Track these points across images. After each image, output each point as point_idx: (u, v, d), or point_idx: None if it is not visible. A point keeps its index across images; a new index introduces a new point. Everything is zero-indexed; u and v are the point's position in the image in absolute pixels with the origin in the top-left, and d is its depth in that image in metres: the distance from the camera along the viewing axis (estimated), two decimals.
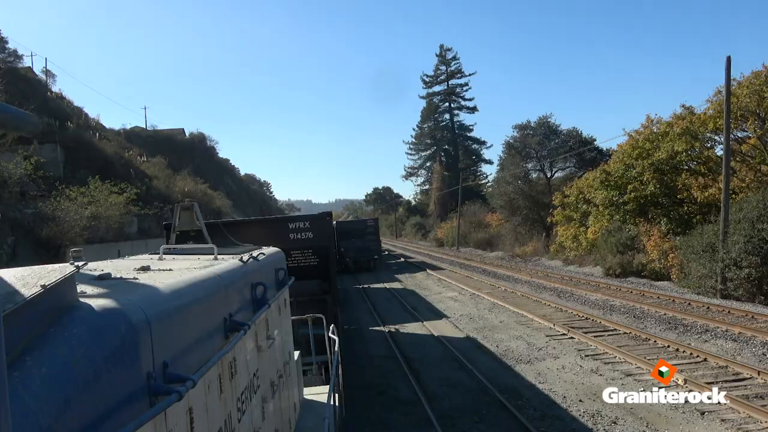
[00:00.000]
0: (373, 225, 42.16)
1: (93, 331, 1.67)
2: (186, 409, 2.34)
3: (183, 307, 2.50)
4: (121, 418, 1.68)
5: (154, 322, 2.06)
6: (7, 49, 49.23)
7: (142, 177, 46.67)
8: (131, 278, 2.70)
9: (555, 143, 48.88)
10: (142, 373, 1.93)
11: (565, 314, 17.55)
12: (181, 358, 2.35)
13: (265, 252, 5.42)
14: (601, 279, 25.69)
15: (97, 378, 1.60)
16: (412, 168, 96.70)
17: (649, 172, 31.09)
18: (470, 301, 22.09)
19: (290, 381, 5.94)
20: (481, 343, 14.77)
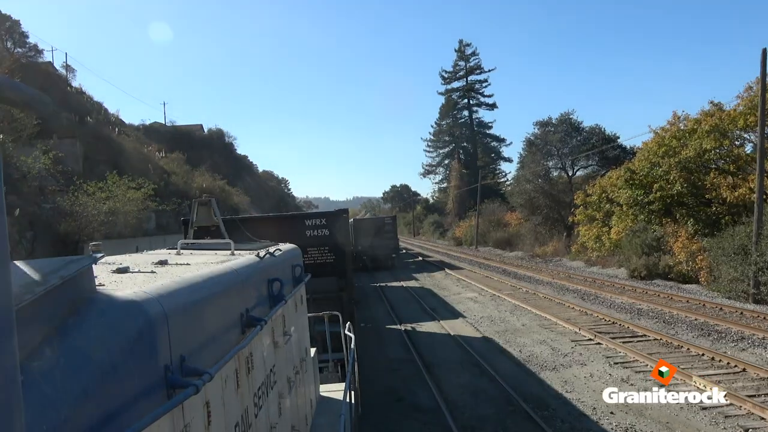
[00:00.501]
0: (391, 223, 41.65)
1: (111, 323, 1.69)
2: (203, 402, 2.34)
3: (200, 302, 2.51)
4: (138, 410, 1.66)
5: (172, 316, 2.06)
6: (27, 43, 49.51)
7: (160, 172, 46.68)
8: (149, 272, 2.75)
9: (577, 141, 47.84)
10: (160, 365, 1.94)
11: (590, 318, 16.89)
12: (198, 352, 2.34)
13: (281, 248, 5.37)
14: (626, 281, 24.91)
15: (114, 369, 1.59)
16: (430, 165, 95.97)
17: (675, 171, 30.16)
18: (491, 303, 21.49)
19: (306, 377, 5.94)
20: (503, 347, 14.19)
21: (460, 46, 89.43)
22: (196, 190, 49.53)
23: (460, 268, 36.76)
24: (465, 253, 51.35)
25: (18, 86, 1.18)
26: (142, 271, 2.75)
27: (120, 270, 2.65)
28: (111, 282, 2.28)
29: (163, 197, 41.30)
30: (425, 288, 28.06)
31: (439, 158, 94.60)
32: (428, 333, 17.04)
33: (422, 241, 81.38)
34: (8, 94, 1.12)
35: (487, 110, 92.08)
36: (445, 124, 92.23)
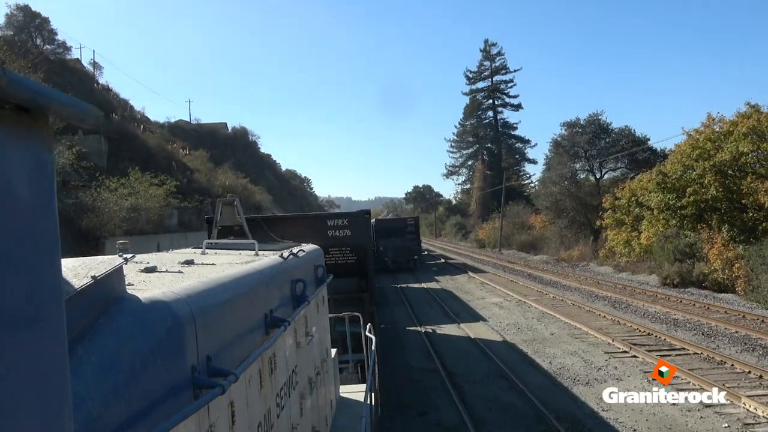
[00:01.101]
0: (414, 224, 40.96)
1: (140, 323, 1.71)
2: (228, 402, 2.35)
3: (226, 302, 2.52)
4: (166, 409, 1.68)
5: (199, 316, 2.08)
6: (56, 40, 50.02)
7: (183, 170, 46.76)
8: (176, 271, 2.79)
9: (605, 142, 46.57)
10: (187, 365, 1.95)
11: (623, 328, 16.03)
12: (223, 352, 2.34)
13: (304, 249, 5.35)
14: (658, 289, 23.89)
15: (144, 369, 1.62)
16: (454, 166, 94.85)
17: (710, 175, 29.02)
18: (516, 309, 20.72)
19: (327, 378, 5.94)
20: (532, 358, 13.46)
21: (485, 46, 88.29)
22: (219, 187, 49.71)
23: (483, 271, 35.94)
24: (488, 255, 50.43)
25: (67, 99, 1.14)
26: (170, 271, 2.78)
27: (148, 269, 2.68)
28: (140, 282, 2.32)
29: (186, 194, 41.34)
30: (447, 291, 27.36)
31: (462, 159, 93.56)
32: (451, 339, 16.37)
33: (444, 243, 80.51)
34: (57, 107, 1.07)
35: (512, 111, 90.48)
36: (469, 125, 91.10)
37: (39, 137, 1.06)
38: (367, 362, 7.34)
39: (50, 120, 1.12)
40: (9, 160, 0.95)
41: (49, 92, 1.04)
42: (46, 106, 1.04)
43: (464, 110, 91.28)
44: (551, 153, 50.51)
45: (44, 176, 1.06)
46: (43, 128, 1.08)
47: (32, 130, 1.04)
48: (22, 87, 0.93)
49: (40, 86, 1.02)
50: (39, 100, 1.00)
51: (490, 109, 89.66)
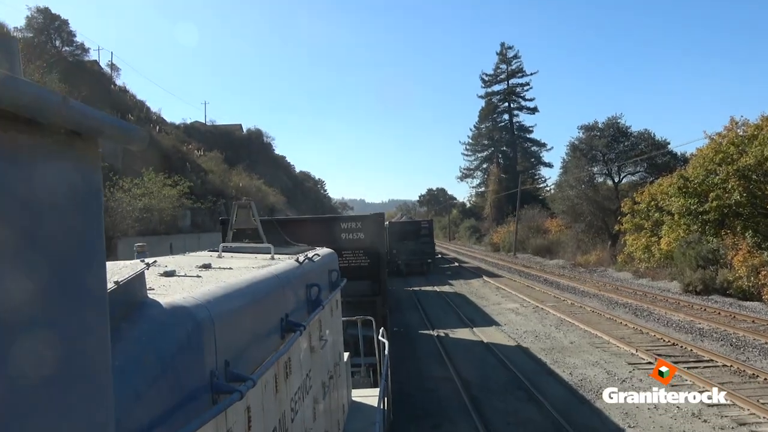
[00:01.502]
0: (428, 227, 40.42)
1: (162, 328, 1.73)
2: (245, 407, 2.37)
3: (244, 307, 2.55)
4: (185, 414, 1.69)
5: (218, 321, 2.09)
6: (74, 42, 50.30)
7: (197, 171, 46.75)
8: (195, 275, 2.83)
9: (624, 146, 45.71)
10: (206, 371, 1.96)
11: (646, 337, 15.38)
12: (240, 356, 2.35)
13: (319, 253, 5.41)
14: (680, 296, 23.13)
15: (164, 374, 1.63)
16: (468, 169, 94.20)
17: (734, 179, 28.22)
18: (533, 315, 20.11)
19: (340, 382, 5.94)
20: (551, 367, 12.89)
21: (501, 49, 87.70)
22: (233, 189, 49.69)
23: (498, 275, 35.30)
24: (503, 259, 49.73)
25: (115, 121, 1.19)
26: (189, 275, 2.81)
27: (167, 273, 2.70)
28: (160, 286, 2.35)
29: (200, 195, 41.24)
30: (462, 296, 26.80)
31: (477, 162, 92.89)
32: (465, 345, 15.85)
33: (458, 246, 79.82)
34: (107, 130, 1.14)
35: (527, 114, 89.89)
36: (485, 128, 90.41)
37: (89, 159, 1.12)
38: (380, 367, 7.23)
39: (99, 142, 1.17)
40: (62, 181, 1.03)
41: (100, 116, 1.09)
42: (98, 129, 1.10)
43: (479, 113, 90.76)
44: (568, 156, 49.72)
45: (93, 196, 1.15)
46: (92, 151, 1.14)
47: (84, 153, 1.10)
48: (78, 113, 1.00)
49: (93, 111, 1.06)
50: (91, 124, 1.07)
51: (506, 112, 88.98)
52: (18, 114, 0.88)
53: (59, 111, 0.94)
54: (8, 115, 0.87)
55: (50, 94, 0.92)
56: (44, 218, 0.99)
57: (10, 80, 0.84)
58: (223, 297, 2.32)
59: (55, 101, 0.93)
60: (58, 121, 0.96)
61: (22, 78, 0.92)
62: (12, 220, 0.92)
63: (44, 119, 0.94)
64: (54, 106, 0.93)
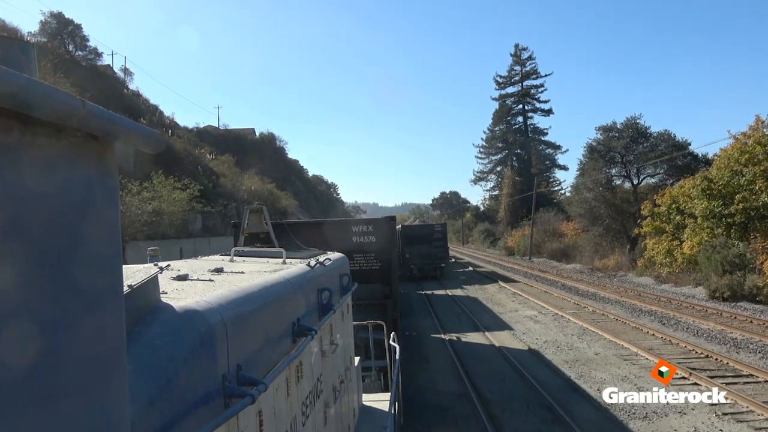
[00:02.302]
0: (441, 230, 39.49)
1: (175, 332, 1.72)
2: (256, 411, 2.36)
3: (256, 311, 2.54)
4: (198, 419, 1.70)
5: (230, 325, 2.09)
6: (87, 47, 50.33)
7: (209, 174, 46.48)
8: (207, 279, 2.88)
9: (644, 147, 44.45)
10: (218, 374, 1.95)
11: (677, 349, 14.40)
12: (252, 360, 2.36)
13: (331, 257, 5.37)
14: (707, 303, 22.04)
15: (177, 377, 1.63)
16: (482, 172, 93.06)
17: (761, 180, 27.10)
18: (553, 324, 19.15)
19: (350, 386, 5.93)
20: (576, 383, 11.97)
21: (516, 50, 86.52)
22: (245, 192, 49.42)
23: (514, 280, 34.29)
24: (518, 264, 48.66)
25: (131, 125, 1.20)
26: (201, 279, 2.87)
27: (180, 277, 2.76)
28: (173, 290, 2.39)
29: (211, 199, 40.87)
30: (477, 301, 25.88)
31: (491, 165, 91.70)
32: (482, 354, 14.97)
33: (472, 250, 78.75)
34: (124, 134, 1.16)
35: (542, 116, 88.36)
36: (499, 130, 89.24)
37: (106, 163, 1.13)
38: (391, 372, 7.27)
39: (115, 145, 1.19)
40: (78, 184, 1.04)
41: (117, 119, 1.10)
42: (115, 133, 1.11)
43: (493, 115, 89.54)
44: (586, 158, 48.51)
45: (110, 199, 1.16)
46: (109, 154, 1.14)
47: (100, 156, 1.11)
48: (95, 117, 1.00)
49: (110, 114, 1.07)
50: (108, 127, 1.08)
51: (520, 114, 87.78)
52: (36, 117, 0.88)
53: (78, 114, 0.95)
54: (26, 119, 0.88)
55: (69, 98, 0.93)
56: (61, 222, 1.00)
57: (28, 83, 0.84)
58: (235, 301, 2.32)
59: (74, 105, 0.94)
60: (77, 124, 0.97)
61: (40, 81, 0.90)
62: (28, 223, 0.93)
63: (63, 123, 0.94)
64: (72, 110, 0.94)
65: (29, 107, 0.84)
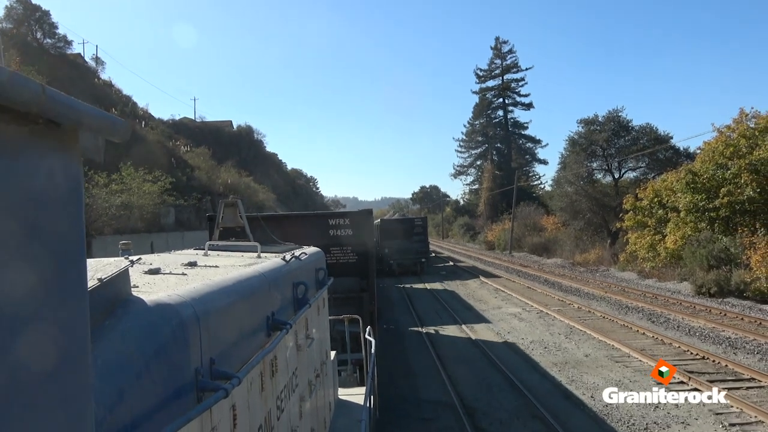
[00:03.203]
0: (422, 224, 38.57)
1: (146, 326, 1.70)
2: (230, 405, 2.33)
3: (230, 305, 2.52)
4: (170, 413, 1.68)
5: (203, 319, 2.07)
6: (56, 34, 48.47)
7: (183, 167, 45.20)
8: (180, 273, 2.82)
9: (625, 141, 44.00)
10: (191, 368, 1.94)
11: (670, 349, 13.64)
12: (226, 354, 2.34)
13: (306, 252, 5.39)
14: (694, 299, 21.45)
15: (149, 372, 1.62)
16: (462, 166, 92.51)
17: (746, 174, 26.64)
18: (538, 322, 18.33)
19: (326, 380, 5.90)
20: (568, 388, 11.08)
21: (496, 43, 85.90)
22: (221, 185, 48.17)
23: (496, 276, 33.54)
24: (499, 258, 48.02)
25: (96, 111, 1.15)
26: (174, 273, 2.79)
27: (152, 271, 2.72)
28: (144, 283, 2.34)
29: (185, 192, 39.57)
30: (458, 297, 25.02)
31: (471, 159, 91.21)
32: (466, 357, 14.08)
33: (452, 244, 78.14)
34: (88, 121, 1.12)
35: (522, 110, 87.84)
36: (479, 124, 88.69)
37: (69, 151, 1.09)
38: (367, 366, 7.23)
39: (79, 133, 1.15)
40: (40, 173, 1.00)
41: (80, 106, 1.07)
42: (78, 120, 1.07)
43: (474, 109, 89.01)
44: (567, 151, 48.01)
45: (73, 189, 1.11)
46: (72, 142, 1.10)
47: (63, 144, 1.07)
48: (57, 102, 0.97)
49: (73, 100, 1.03)
50: (72, 114, 1.04)
51: (501, 108, 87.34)
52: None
53: (38, 99, 0.91)
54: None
55: (28, 81, 0.89)
56: (20, 212, 0.96)
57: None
58: (208, 295, 2.28)
59: (34, 89, 0.90)
60: (36, 110, 0.92)
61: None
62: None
63: (22, 108, 0.90)
64: (32, 94, 0.89)
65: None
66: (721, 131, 30.36)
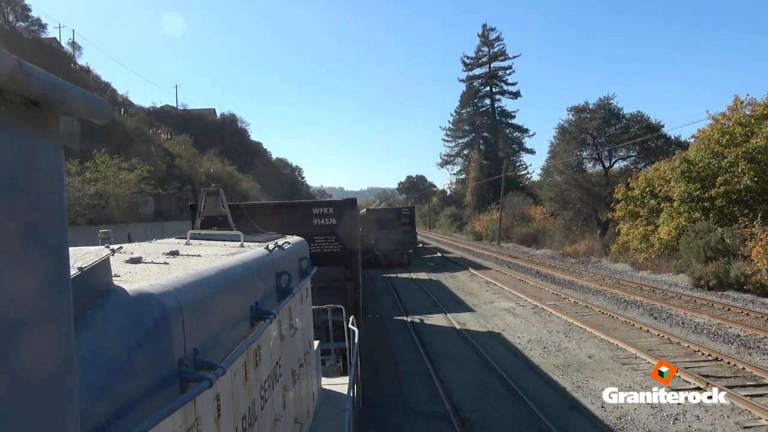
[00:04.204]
0: (409, 214, 37.47)
1: (128, 316, 1.67)
2: (214, 395, 2.32)
3: (213, 295, 2.49)
4: (153, 404, 1.65)
5: (186, 309, 2.05)
6: (30, 17, 46.66)
7: (163, 155, 43.93)
8: (162, 263, 2.79)
9: (616, 129, 43.14)
10: (174, 359, 1.92)
11: (679, 349, 12.69)
12: (209, 344, 2.31)
13: (290, 241, 5.36)
14: (693, 292, 20.63)
15: (131, 362, 1.59)
16: (449, 156, 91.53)
17: (744, 162, 25.86)
18: (534, 318, 17.32)
19: (310, 370, 5.88)
20: (574, 396, 10.05)
21: (483, 30, 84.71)
22: (203, 174, 46.88)
23: (485, 267, 32.57)
24: (487, 249, 47.14)
25: (79, 92, 1.09)
26: (156, 262, 2.75)
27: (133, 260, 2.67)
28: (126, 273, 2.29)
29: (165, 181, 38.26)
30: (447, 290, 24.00)
31: (458, 148, 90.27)
32: (458, 358, 13.06)
33: (439, 235, 77.26)
34: (69, 101, 1.05)
35: (510, 99, 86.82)
36: (466, 113, 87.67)
37: (49, 132, 1.06)
38: (350, 356, 7.38)
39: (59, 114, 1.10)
40: (18, 154, 0.95)
41: (61, 85, 1.03)
42: (59, 100, 1.03)
43: (460, 98, 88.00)
44: (557, 140, 47.10)
45: (53, 171, 1.08)
46: (53, 123, 1.06)
47: (43, 125, 1.03)
48: (36, 80, 0.91)
49: (53, 79, 0.99)
50: (52, 93, 0.99)
51: (488, 97, 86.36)
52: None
53: (14, 76, 0.85)
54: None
55: (3, 56, 0.84)
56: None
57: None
58: (191, 284, 2.25)
59: (10, 65, 0.85)
60: (13, 87, 0.87)
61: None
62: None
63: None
64: (7, 71, 0.84)
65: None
66: (716, 119, 29.57)
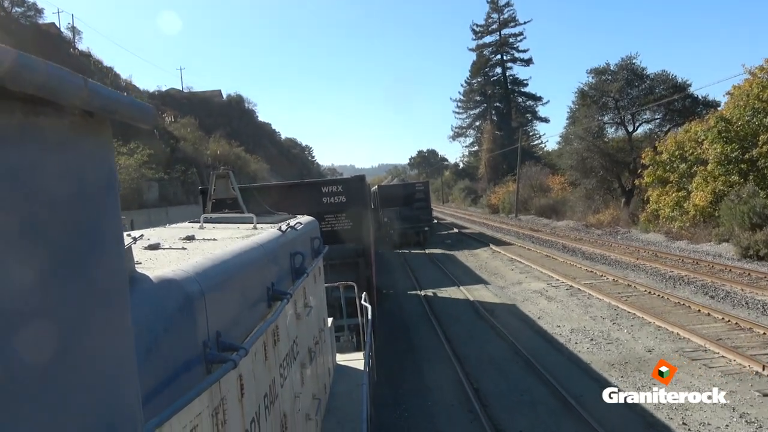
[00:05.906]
0: (423, 189, 35.46)
1: (153, 302, 1.71)
2: (237, 376, 2.38)
3: (232, 278, 2.55)
4: (180, 386, 1.70)
5: (208, 293, 2.09)
6: (26, 3, 45.12)
7: (167, 138, 42.50)
8: (180, 248, 2.86)
9: (639, 90, 40.54)
10: (199, 342, 1.97)
11: (755, 337, 10.69)
12: (230, 326, 2.37)
13: (302, 221, 5.42)
14: (743, 264, 18.60)
15: (158, 347, 1.64)
16: (460, 128, 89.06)
17: None
18: (572, 301, 15.40)
19: (325, 347, 5.96)
20: (649, 411, 8.14)
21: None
22: (209, 157, 45.44)
23: (507, 243, 30.60)
24: (506, 222, 45.12)
25: (122, 98, 1.12)
26: (174, 248, 2.82)
27: (152, 247, 2.72)
28: (147, 260, 2.34)
29: (169, 165, 37.00)
30: (472, 272, 22.17)
31: (469, 120, 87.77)
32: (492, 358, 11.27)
33: (453, 209, 75.25)
34: (120, 110, 1.10)
35: (522, 66, 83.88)
36: (476, 83, 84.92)
37: (103, 140, 1.10)
38: (363, 333, 7.51)
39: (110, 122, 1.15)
40: (82, 166, 1.01)
41: (113, 96, 1.07)
42: (112, 110, 1.07)
43: (471, 67, 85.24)
44: (576, 105, 44.61)
45: (110, 180, 1.13)
46: (105, 131, 1.11)
47: (98, 134, 1.08)
48: (96, 96, 0.97)
49: (107, 91, 1.03)
50: (105, 104, 1.04)
51: (499, 65, 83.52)
52: (36, 96, 0.85)
53: (81, 94, 0.92)
54: (27, 98, 0.86)
55: (71, 76, 0.90)
56: (69, 210, 0.98)
57: (28, 60, 0.81)
58: (211, 268, 2.28)
59: (77, 82, 0.91)
60: (80, 104, 0.93)
61: (38, 58, 0.87)
62: (30, 208, 0.91)
63: (65, 101, 0.91)
64: (74, 88, 0.90)
65: (26, 85, 0.79)
66: (753, 73, 27.08)
